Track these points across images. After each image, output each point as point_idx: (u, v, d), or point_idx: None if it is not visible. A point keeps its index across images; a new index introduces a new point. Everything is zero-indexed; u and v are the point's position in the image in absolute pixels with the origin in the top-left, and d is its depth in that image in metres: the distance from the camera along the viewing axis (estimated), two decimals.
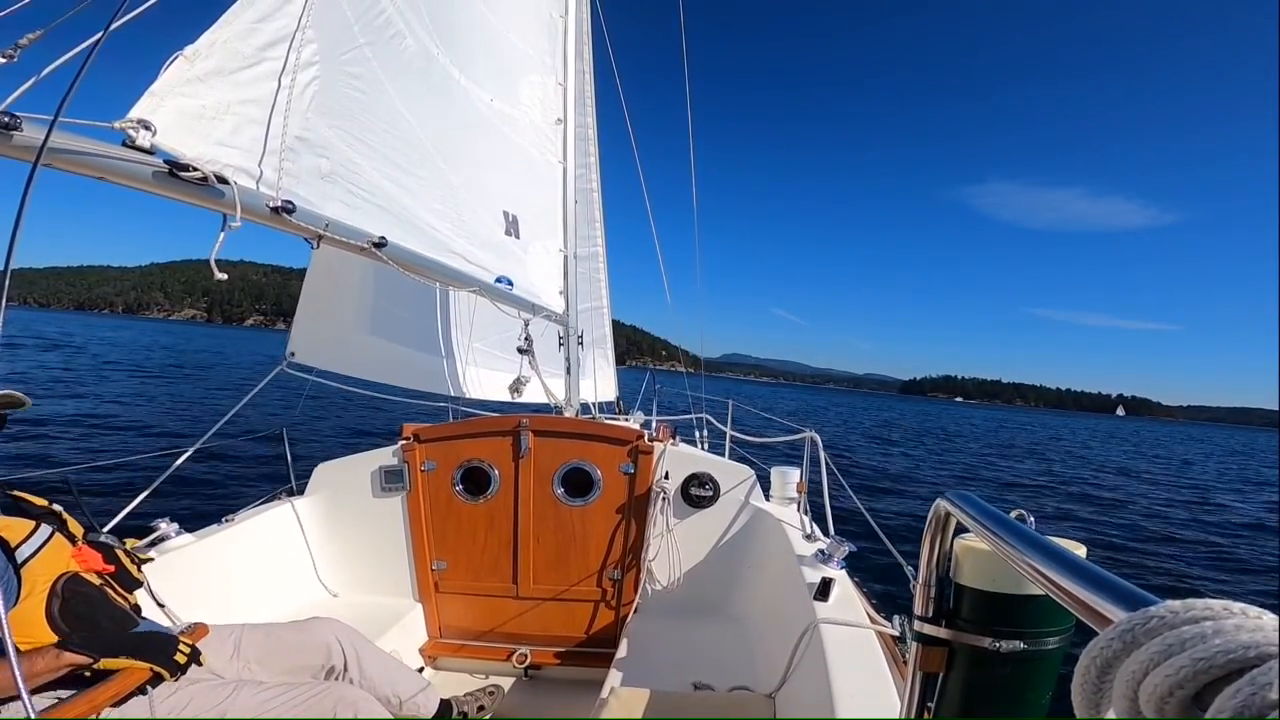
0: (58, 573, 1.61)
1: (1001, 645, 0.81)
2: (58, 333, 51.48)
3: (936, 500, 0.89)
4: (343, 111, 2.44)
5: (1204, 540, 11.44)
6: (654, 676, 2.42)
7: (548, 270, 3.88)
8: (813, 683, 1.79)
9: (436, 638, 3.24)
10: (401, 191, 2.74)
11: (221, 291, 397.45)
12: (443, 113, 3.16)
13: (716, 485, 3.13)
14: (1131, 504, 15.18)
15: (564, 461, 3.14)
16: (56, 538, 1.69)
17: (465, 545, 3.20)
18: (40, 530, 1.66)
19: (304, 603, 3.06)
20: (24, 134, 1.40)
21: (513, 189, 3.68)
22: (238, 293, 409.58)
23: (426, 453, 3.18)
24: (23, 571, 1.54)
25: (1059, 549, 0.58)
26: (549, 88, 4.07)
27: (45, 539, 1.65)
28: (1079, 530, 11.11)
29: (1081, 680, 0.42)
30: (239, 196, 1.83)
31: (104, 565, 1.77)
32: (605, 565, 3.15)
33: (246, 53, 1.99)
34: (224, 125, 1.90)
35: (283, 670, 2.04)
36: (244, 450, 8.61)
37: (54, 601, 1.55)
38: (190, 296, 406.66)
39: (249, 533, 2.95)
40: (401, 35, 2.87)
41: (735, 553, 3.11)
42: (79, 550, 1.73)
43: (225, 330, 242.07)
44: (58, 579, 1.59)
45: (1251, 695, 0.30)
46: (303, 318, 4.54)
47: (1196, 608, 0.37)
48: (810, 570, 2.38)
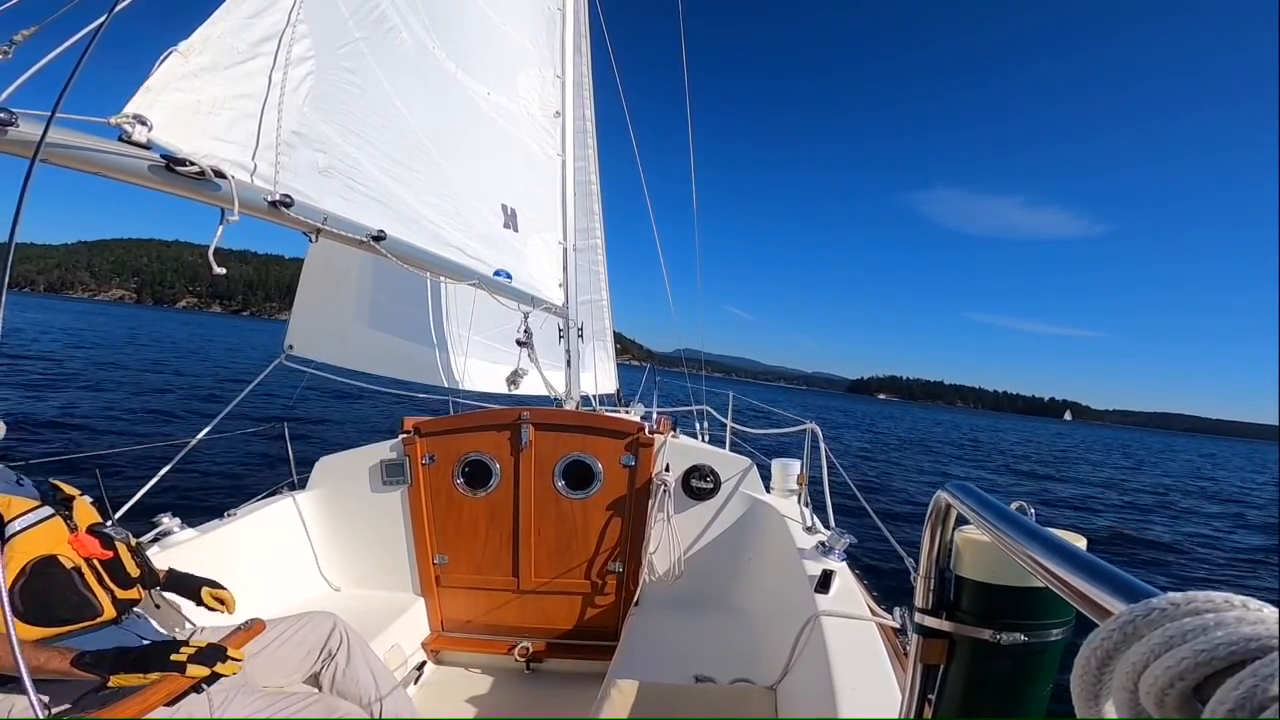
0: (39, 553, 1.62)
1: (1002, 637, 0.81)
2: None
3: (937, 492, 0.89)
4: (339, 106, 2.43)
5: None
6: (655, 669, 2.43)
7: (547, 263, 3.87)
8: (814, 675, 1.80)
9: (438, 631, 3.25)
10: (399, 185, 2.74)
11: (152, 272, 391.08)
12: (440, 107, 3.15)
13: (717, 477, 3.14)
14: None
15: (564, 454, 3.14)
16: (54, 520, 1.70)
17: (466, 539, 3.21)
18: (39, 510, 1.68)
19: (306, 597, 3.07)
20: (20, 129, 1.39)
21: (511, 182, 3.67)
22: (170, 273, 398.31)
23: (427, 446, 3.18)
24: (6, 547, 1.56)
25: (1060, 541, 0.58)
26: (547, 80, 4.06)
27: (40, 519, 1.66)
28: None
29: (1081, 672, 0.42)
30: (236, 190, 1.83)
31: (100, 552, 1.77)
32: (606, 558, 3.16)
33: (241, 48, 1.98)
34: (220, 120, 1.90)
35: (280, 662, 2.05)
36: (244, 445, 8.62)
37: (19, 579, 1.56)
38: (119, 277, 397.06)
39: (250, 527, 2.95)
40: (397, 30, 2.85)
41: (736, 545, 3.12)
42: (75, 536, 1.74)
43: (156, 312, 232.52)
44: (33, 559, 1.60)
45: (1253, 687, 0.30)
46: (300, 311, 4.54)
47: (1198, 600, 0.37)
48: (811, 562, 2.39)
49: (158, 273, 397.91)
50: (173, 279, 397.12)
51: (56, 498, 1.81)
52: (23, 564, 1.58)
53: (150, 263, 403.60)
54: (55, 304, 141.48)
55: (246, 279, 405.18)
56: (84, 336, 36.57)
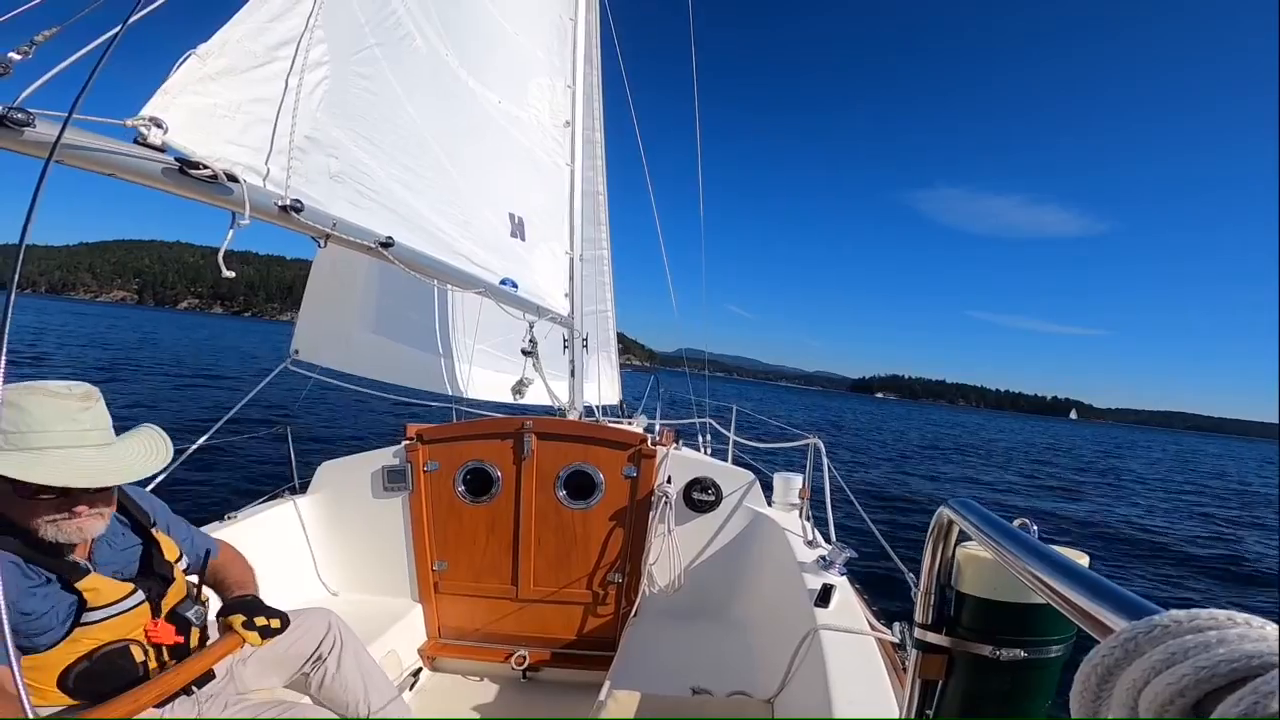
0: (110, 639, 1.55)
1: (1002, 653, 0.81)
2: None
3: (939, 508, 0.89)
4: (352, 112, 2.45)
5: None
6: (652, 680, 2.41)
7: (553, 272, 3.89)
8: (811, 689, 1.79)
9: (436, 638, 3.24)
10: (409, 192, 2.75)
11: (154, 273, 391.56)
12: (451, 114, 3.17)
13: (719, 490, 3.13)
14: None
15: (566, 464, 3.14)
16: (141, 606, 1.62)
17: (466, 546, 3.21)
18: (131, 598, 1.60)
19: (304, 601, 3.07)
20: (37, 130, 1.40)
21: (519, 191, 3.69)
22: (171, 274, 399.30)
23: (430, 453, 3.18)
24: (79, 631, 1.49)
25: (1061, 558, 0.58)
26: (557, 90, 4.08)
27: (127, 609, 1.59)
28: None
29: (1081, 688, 0.42)
30: (248, 194, 1.84)
31: (173, 639, 1.68)
32: (606, 568, 3.15)
33: (258, 52, 2.00)
34: (235, 124, 1.91)
35: (271, 663, 2.02)
36: (247, 448, 8.62)
37: (80, 663, 1.50)
38: (120, 278, 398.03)
39: (251, 530, 2.95)
40: (411, 36, 2.88)
41: (736, 558, 3.11)
42: (155, 623, 1.65)
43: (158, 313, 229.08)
44: (102, 646, 1.53)
45: (1253, 704, 0.30)
46: (306, 316, 4.56)
47: (1201, 617, 0.37)
48: (811, 576, 2.38)
49: (159, 274, 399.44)
50: (174, 280, 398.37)
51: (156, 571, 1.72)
52: (90, 649, 1.51)
53: (151, 264, 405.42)
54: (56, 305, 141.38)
55: (248, 280, 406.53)
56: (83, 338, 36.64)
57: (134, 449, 1.65)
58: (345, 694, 2.08)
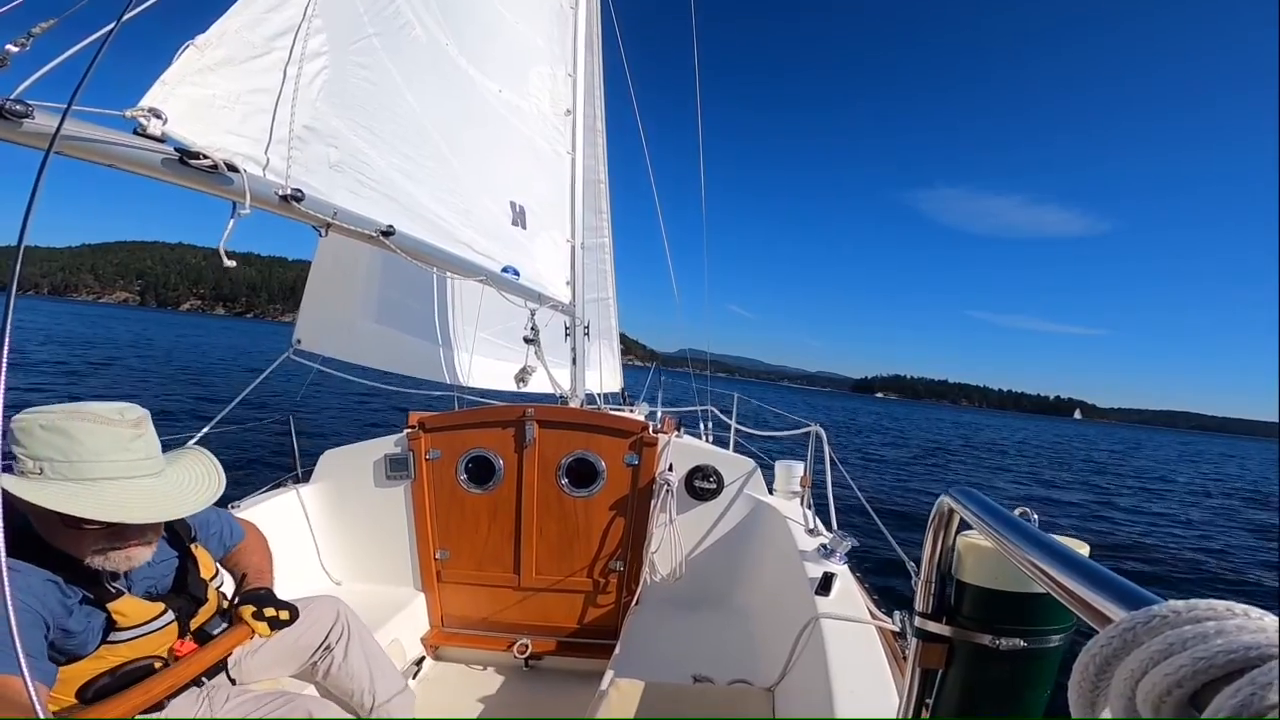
0: (139, 655, 1.55)
1: (1002, 643, 0.81)
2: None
3: (940, 497, 0.89)
4: (351, 101, 2.44)
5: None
6: (654, 668, 2.43)
7: (554, 261, 3.88)
8: (812, 677, 1.80)
9: (438, 627, 3.26)
10: (409, 181, 2.74)
11: (156, 274, 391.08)
12: (451, 103, 3.16)
13: (720, 478, 3.14)
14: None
15: (568, 452, 3.14)
16: (170, 625, 1.62)
17: (468, 535, 3.22)
18: (161, 618, 1.60)
19: (307, 590, 3.07)
20: (35, 121, 1.40)
21: (520, 179, 3.67)
22: (174, 276, 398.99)
23: (432, 441, 3.19)
24: (105, 646, 1.48)
25: (1062, 547, 0.58)
26: (558, 78, 4.06)
27: (156, 628, 1.58)
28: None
29: (1080, 677, 0.42)
30: (248, 184, 1.83)
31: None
32: (607, 557, 3.16)
33: (256, 42, 1.99)
34: (234, 114, 1.91)
35: (279, 653, 2.03)
36: (250, 437, 8.65)
37: (103, 677, 1.49)
38: (123, 279, 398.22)
39: (254, 519, 2.96)
40: (411, 25, 2.86)
41: (737, 546, 3.12)
42: (182, 643, 1.66)
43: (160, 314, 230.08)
44: (128, 662, 1.53)
45: (1251, 695, 0.30)
46: (309, 305, 4.57)
47: (1199, 608, 0.38)
48: (812, 565, 2.38)
49: (161, 275, 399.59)
50: (176, 281, 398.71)
51: (189, 590, 1.72)
52: (114, 665, 1.51)
53: (154, 265, 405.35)
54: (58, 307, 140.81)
55: (250, 281, 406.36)
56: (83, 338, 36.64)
57: (186, 478, 1.63)
58: (351, 682, 2.08)
